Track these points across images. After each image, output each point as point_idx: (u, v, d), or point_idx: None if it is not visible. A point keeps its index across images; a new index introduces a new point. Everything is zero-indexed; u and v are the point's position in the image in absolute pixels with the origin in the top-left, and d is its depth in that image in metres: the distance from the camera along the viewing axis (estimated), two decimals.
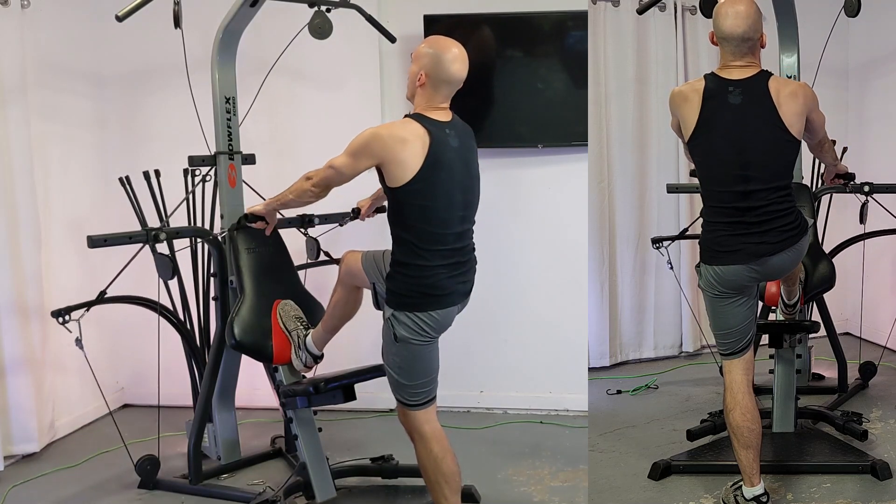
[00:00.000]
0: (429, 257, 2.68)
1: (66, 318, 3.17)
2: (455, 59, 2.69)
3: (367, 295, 2.96)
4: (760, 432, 2.91)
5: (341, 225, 3.61)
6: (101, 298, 3.28)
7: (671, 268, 4.08)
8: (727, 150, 2.78)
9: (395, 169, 2.62)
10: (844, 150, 4.19)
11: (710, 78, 2.82)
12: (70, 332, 3.16)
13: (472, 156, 2.81)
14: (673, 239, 4.09)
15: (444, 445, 2.83)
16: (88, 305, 3.24)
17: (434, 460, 2.80)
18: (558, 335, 4.35)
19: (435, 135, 2.64)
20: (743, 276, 2.83)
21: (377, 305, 2.88)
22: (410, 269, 2.69)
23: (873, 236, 4.05)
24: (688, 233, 4.20)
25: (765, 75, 2.77)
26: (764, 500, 2.89)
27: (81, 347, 3.16)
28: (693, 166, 3.24)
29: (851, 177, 3.35)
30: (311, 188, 2.82)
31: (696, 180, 3.04)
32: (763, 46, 2.83)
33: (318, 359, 3.21)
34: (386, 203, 2.92)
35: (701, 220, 2.95)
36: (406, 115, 2.73)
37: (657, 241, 4.04)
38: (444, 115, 2.72)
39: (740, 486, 2.95)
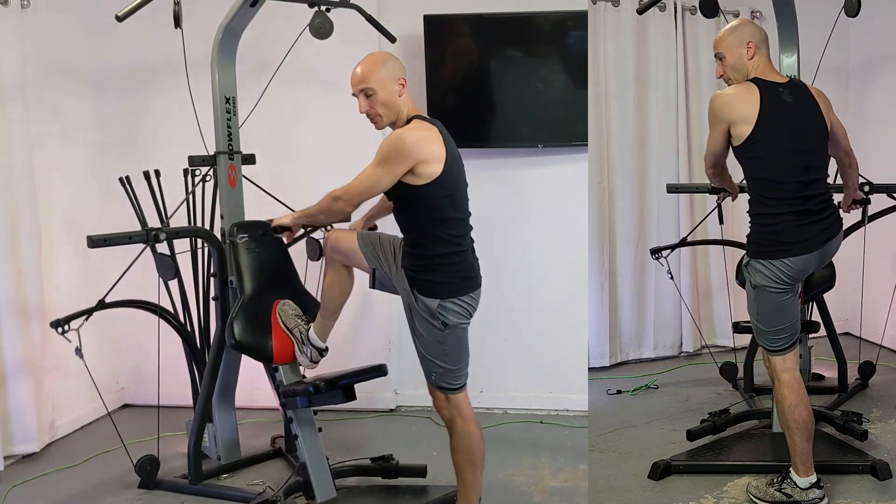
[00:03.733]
0: (462, 243, 2.83)
1: (66, 327, 3.17)
2: (394, 57, 2.86)
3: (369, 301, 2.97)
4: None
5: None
6: (101, 305, 3.27)
7: (671, 277, 4.11)
8: (790, 142, 2.91)
9: (429, 166, 2.71)
10: None
11: (757, 81, 2.96)
12: (69, 341, 3.16)
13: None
14: (672, 248, 4.11)
15: (478, 425, 2.98)
16: (88, 313, 3.23)
17: (478, 440, 2.94)
18: (558, 335, 4.35)
19: (440, 129, 2.78)
20: (811, 263, 2.95)
21: (373, 286, 2.96)
22: (449, 257, 2.80)
23: (875, 218, 4.03)
24: (688, 240, 4.20)
25: (800, 81, 3.08)
26: (821, 484, 2.98)
27: (81, 357, 3.15)
28: (710, 177, 3.33)
29: (867, 202, 3.59)
30: (342, 207, 2.85)
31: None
32: None
33: (323, 352, 3.21)
34: (378, 222, 3.21)
35: (749, 220, 3.03)
36: (411, 118, 2.81)
37: (655, 252, 4.08)
38: (424, 113, 2.88)
39: (783, 480, 3.00)
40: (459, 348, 2.90)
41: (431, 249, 2.78)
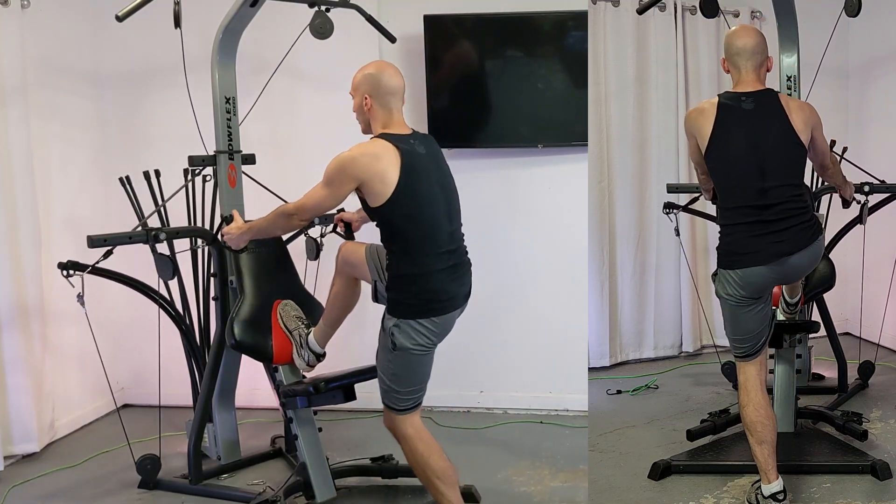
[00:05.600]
0: (427, 263, 2.72)
1: (71, 272, 3.17)
2: (391, 73, 2.81)
3: (367, 294, 2.96)
4: (774, 428, 2.95)
5: (322, 236, 3.61)
6: (105, 269, 3.26)
7: (677, 234, 4.06)
8: (744, 148, 2.87)
9: (376, 185, 2.66)
10: (844, 149, 4.20)
11: (723, 94, 2.98)
12: (73, 286, 3.16)
13: (441, 158, 2.87)
14: (684, 208, 4.08)
15: (428, 444, 2.87)
16: (95, 266, 3.22)
17: (421, 458, 2.85)
18: (558, 335, 4.35)
19: (401, 146, 2.70)
20: (765, 277, 2.87)
21: (376, 299, 2.90)
22: (411, 278, 2.72)
23: (873, 211, 4.02)
24: (694, 205, 4.18)
25: (773, 90, 2.95)
26: (780, 497, 2.90)
27: (83, 304, 3.16)
28: (700, 184, 3.31)
29: (847, 203, 3.52)
30: (298, 223, 2.91)
31: (696, 181, 3.05)
32: (769, 70, 2.98)
33: (320, 357, 3.21)
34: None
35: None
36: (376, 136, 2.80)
37: (669, 207, 4.03)
38: (404, 129, 2.80)
39: (759, 487, 2.96)
40: (409, 373, 2.79)
41: (394, 267, 2.75)
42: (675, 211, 4.01)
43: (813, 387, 4.28)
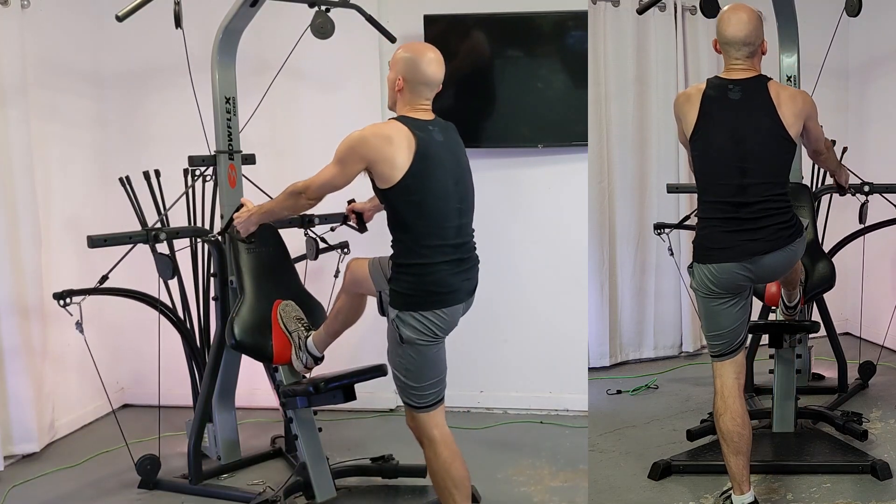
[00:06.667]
0: (429, 255, 2.68)
1: (68, 301, 3.17)
2: (431, 61, 2.74)
3: (372, 302, 2.95)
4: (751, 438, 2.86)
5: (332, 230, 3.62)
6: (102, 287, 3.27)
7: (671, 254, 4.08)
8: (726, 141, 2.79)
9: (384, 167, 2.62)
10: (844, 150, 4.20)
11: (712, 79, 2.88)
12: (71, 315, 3.16)
13: (459, 149, 2.81)
14: (675, 226, 4.11)
15: (453, 450, 2.81)
16: (90, 292, 3.24)
17: (444, 465, 2.78)
18: (558, 335, 4.35)
19: (418, 132, 2.65)
20: (736, 275, 2.79)
21: (382, 312, 2.83)
22: (412, 268, 2.69)
23: (874, 229, 4.03)
24: (688, 221, 4.20)
25: (764, 78, 2.83)
26: None
27: (82, 331, 3.16)
28: (690, 166, 3.28)
29: (843, 190, 3.48)
30: (306, 202, 2.85)
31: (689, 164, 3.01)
32: (764, 53, 2.88)
33: (318, 360, 3.21)
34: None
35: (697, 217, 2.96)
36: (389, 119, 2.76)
37: (659, 227, 4.05)
38: (426, 115, 2.75)
39: (730, 495, 2.90)
40: (422, 366, 2.73)
41: (397, 256, 2.72)
42: (666, 231, 4.01)
43: (813, 387, 4.29)
